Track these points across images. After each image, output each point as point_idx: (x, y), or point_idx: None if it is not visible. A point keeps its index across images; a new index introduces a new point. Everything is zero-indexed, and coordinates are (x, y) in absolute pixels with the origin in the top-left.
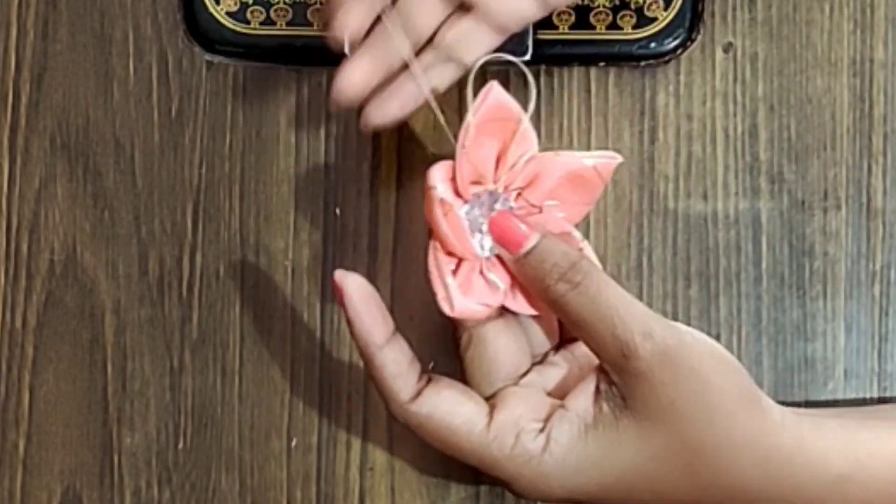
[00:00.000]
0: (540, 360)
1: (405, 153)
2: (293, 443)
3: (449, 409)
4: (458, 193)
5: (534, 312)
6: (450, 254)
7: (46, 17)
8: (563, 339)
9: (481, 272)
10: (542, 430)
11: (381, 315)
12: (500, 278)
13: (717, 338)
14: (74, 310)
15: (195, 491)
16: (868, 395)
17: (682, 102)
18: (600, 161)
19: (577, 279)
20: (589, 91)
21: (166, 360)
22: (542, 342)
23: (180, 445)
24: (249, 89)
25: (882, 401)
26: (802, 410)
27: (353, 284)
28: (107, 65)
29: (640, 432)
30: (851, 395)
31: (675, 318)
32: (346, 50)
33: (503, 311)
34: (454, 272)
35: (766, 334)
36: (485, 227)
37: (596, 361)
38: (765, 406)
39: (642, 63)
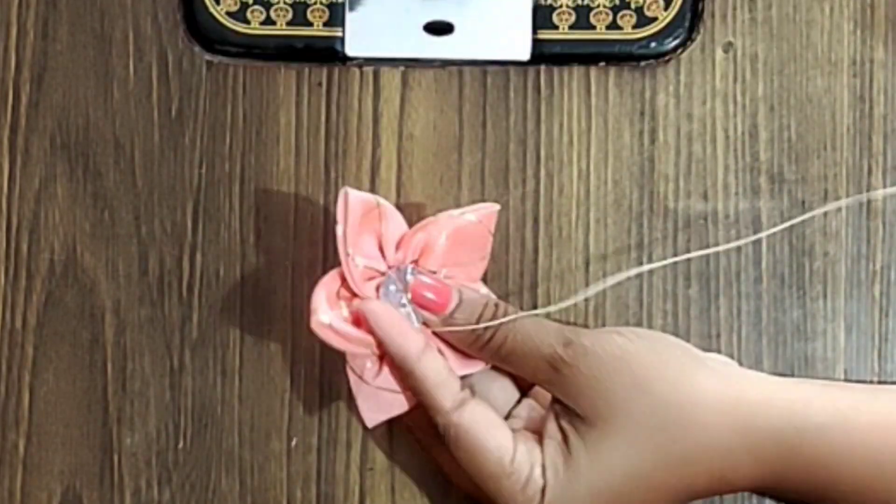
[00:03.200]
0: (505, 417)
1: (405, 153)
2: (293, 443)
3: (487, 428)
4: (354, 294)
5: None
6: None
7: (46, 17)
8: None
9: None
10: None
11: (410, 328)
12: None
13: (717, 338)
14: (74, 310)
15: (195, 491)
16: None
17: (682, 102)
18: (480, 212)
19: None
20: (589, 91)
21: (166, 360)
22: (505, 402)
23: (180, 445)
24: (249, 89)
25: None
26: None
27: (375, 305)
28: (107, 65)
29: (602, 436)
30: None
31: (675, 318)
32: None
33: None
34: (378, 370)
35: (766, 334)
36: (405, 300)
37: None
38: (716, 366)
39: (642, 63)
